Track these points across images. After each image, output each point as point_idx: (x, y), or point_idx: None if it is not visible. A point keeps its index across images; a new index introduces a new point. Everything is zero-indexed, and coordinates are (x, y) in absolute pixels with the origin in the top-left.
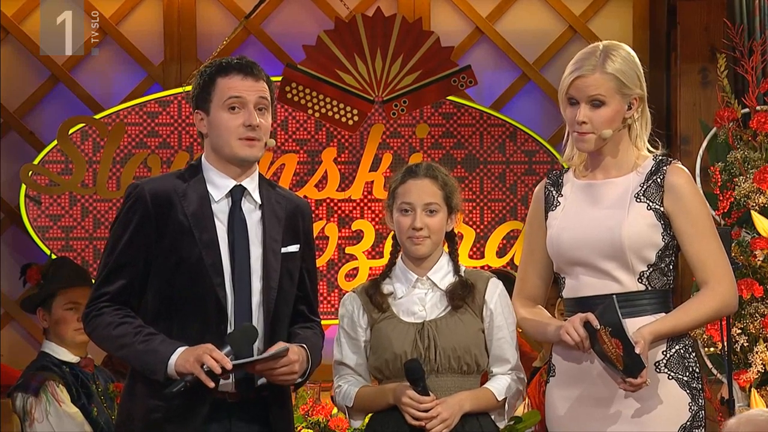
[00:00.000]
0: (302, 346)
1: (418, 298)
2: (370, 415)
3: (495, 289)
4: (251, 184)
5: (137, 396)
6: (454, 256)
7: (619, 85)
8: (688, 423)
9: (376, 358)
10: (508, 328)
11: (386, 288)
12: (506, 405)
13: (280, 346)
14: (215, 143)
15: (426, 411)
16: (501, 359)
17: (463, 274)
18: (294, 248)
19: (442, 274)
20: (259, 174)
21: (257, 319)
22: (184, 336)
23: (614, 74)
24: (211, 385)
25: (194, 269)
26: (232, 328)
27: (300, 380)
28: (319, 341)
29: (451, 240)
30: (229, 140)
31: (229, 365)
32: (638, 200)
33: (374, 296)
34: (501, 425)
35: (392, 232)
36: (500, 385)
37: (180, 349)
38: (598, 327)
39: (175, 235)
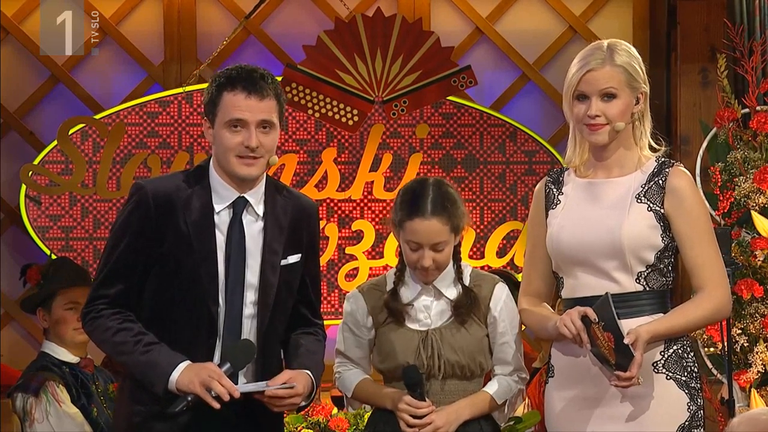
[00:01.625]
0: (308, 374)
1: (424, 306)
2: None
3: (500, 295)
4: (255, 195)
5: (125, 398)
6: (457, 260)
7: (628, 78)
8: (687, 423)
9: (381, 361)
10: (512, 332)
11: (402, 294)
12: (507, 406)
13: (286, 376)
14: (217, 156)
15: (421, 417)
16: (503, 362)
17: (468, 282)
18: (294, 259)
19: (448, 282)
20: (267, 177)
21: (248, 332)
22: (174, 345)
23: (624, 66)
24: (217, 406)
25: (190, 279)
26: (221, 341)
27: (304, 404)
28: (322, 350)
29: (455, 248)
30: (227, 157)
31: (236, 393)
32: (639, 201)
33: (395, 308)
34: (502, 424)
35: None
36: (501, 387)
37: (182, 365)
38: (595, 320)
39: (174, 242)
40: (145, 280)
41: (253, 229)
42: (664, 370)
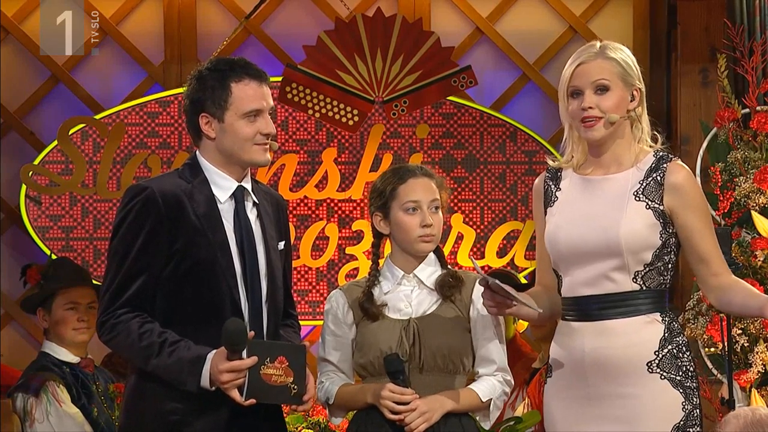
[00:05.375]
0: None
1: (404, 295)
2: (352, 412)
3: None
4: (248, 184)
5: (153, 397)
6: (439, 254)
7: (621, 72)
8: (682, 422)
9: (362, 355)
10: (494, 328)
11: (376, 293)
12: (491, 406)
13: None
14: (227, 148)
15: (406, 404)
16: (487, 360)
17: (450, 269)
18: (282, 245)
19: (429, 271)
20: None
21: (265, 318)
22: (199, 340)
23: (616, 59)
24: (243, 401)
25: (209, 272)
26: (249, 328)
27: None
28: (299, 340)
29: None
30: (245, 146)
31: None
32: (637, 199)
33: (369, 309)
34: (486, 426)
35: (373, 239)
36: (485, 386)
37: (208, 360)
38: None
39: (189, 237)
40: (159, 281)
41: (252, 216)
42: (658, 370)
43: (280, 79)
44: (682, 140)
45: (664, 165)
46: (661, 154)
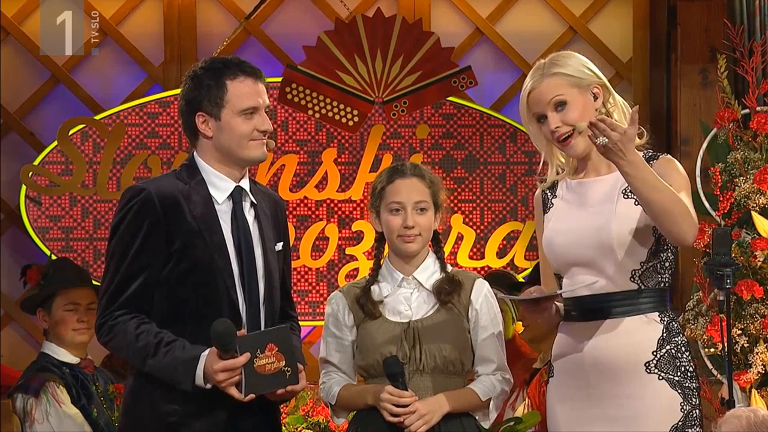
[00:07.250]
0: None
1: (404, 298)
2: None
3: (481, 289)
4: (246, 184)
5: (150, 399)
6: (439, 255)
7: (571, 81)
8: (680, 423)
9: (362, 357)
10: (493, 328)
11: (374, 291)
12: (491, 405)
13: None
14: (224, 145)
15: (405, 406)
16: (486, 360)
17: (449, 272)
18: (280, 246)
19: (428, 273)
20: None
21: (263, 318)
22: (197, 340)
23: (559, 72)
24: (243, 398)
25: (206, 272)
26: (246, 330)
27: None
28: (300, 343)
29: (436, 240)
30: (242, 143)
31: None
32: (626, 197)
33: (366, 305)
34: (486, 425)
35: (376, 235)
36: (484, 385)
37: (202, 359)
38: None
39: (186, 238)
40: (156, 282)
41: (250, 217)
42: (656, 371)
43: (280, 79)
44: (682, 141)
45: (652, 162)
46: (650, 153)
